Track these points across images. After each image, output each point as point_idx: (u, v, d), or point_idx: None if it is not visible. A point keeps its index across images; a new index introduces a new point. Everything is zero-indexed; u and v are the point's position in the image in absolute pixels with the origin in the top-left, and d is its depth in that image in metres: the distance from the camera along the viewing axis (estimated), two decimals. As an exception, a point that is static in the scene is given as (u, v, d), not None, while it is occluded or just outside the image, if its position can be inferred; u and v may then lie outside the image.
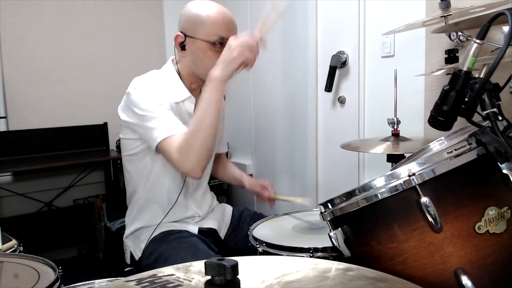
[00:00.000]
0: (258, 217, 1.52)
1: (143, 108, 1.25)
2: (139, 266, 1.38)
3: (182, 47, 1.31)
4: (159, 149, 1.25)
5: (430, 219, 0.75)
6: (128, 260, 1.42)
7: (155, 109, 1.24)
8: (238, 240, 1.50)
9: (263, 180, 1.55)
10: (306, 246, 1.07)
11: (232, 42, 1.20)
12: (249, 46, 1.19)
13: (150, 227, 1.38)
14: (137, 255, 1.38)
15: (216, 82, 1.19)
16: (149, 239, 1.36)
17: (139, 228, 1.40)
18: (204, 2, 1.31)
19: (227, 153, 2.82)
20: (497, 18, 0.79)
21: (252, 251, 1.15)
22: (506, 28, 1.14)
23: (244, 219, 1.55)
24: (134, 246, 1.40)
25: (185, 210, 1.41)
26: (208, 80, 1.20)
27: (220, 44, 1.27)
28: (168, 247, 1.28)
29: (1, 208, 2.58)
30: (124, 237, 1.43)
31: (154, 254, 1.31)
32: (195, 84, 1.38)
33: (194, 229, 1.39)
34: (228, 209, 1.60)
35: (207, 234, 1.42)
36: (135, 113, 1.27)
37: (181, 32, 1.30)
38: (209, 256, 1.21)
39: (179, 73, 1.36)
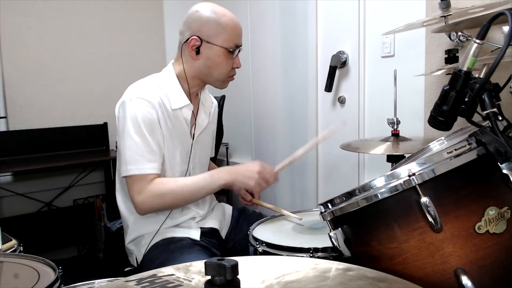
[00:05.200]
0: (257, 216, 1.52)
1: (128, 131, 1.26)
2: (140, 270, 1.37)
3: (197, 51, 1.31)
4: (124, 178, 1.29)
5: (430, 219, 0.75)
6: (135, 264, 1.41)
7: (137, 137, 1.26)
8: (238, 240, 1.50)
9: None
10: (306, 246, 1.07)
11: (258, 169, 1.28)
12: (265, 184, 1.29)
13: (151, 232, 1.36)
14: (139, 259, 1.37)
15: (221, 183, 1.28)
16: (150, 245, 1.35)
17: (140, 234, 1.39)
18: (215, 7, 1.32)
19: (227, 153, 2.83)
20: (497, 18, 0.79)
21: (252, 251, 1.15)
22: (506, 28, 1.14)
23: (243, 218, 1.55)
24: (137, 251, 1.39)
25: (185, 213, 1.41)
26: (218, 177, 1.29)
27: (233, 51, 1.32)
28: (170, 257, 1.27)
29: (1, 208, 2.57)
30: (126, 243, 1.42)
31: (156, 261, 1.30)
32: (196, 87, 1.39)
33: (196, 234, 1.38)
34: (228, 208, 1.59)
35: (210, 235, 1.41)
36: (119, 130, 1.31)
37: (197, 36, 1.29)
38: None
39: (178, 78, 1.35)
